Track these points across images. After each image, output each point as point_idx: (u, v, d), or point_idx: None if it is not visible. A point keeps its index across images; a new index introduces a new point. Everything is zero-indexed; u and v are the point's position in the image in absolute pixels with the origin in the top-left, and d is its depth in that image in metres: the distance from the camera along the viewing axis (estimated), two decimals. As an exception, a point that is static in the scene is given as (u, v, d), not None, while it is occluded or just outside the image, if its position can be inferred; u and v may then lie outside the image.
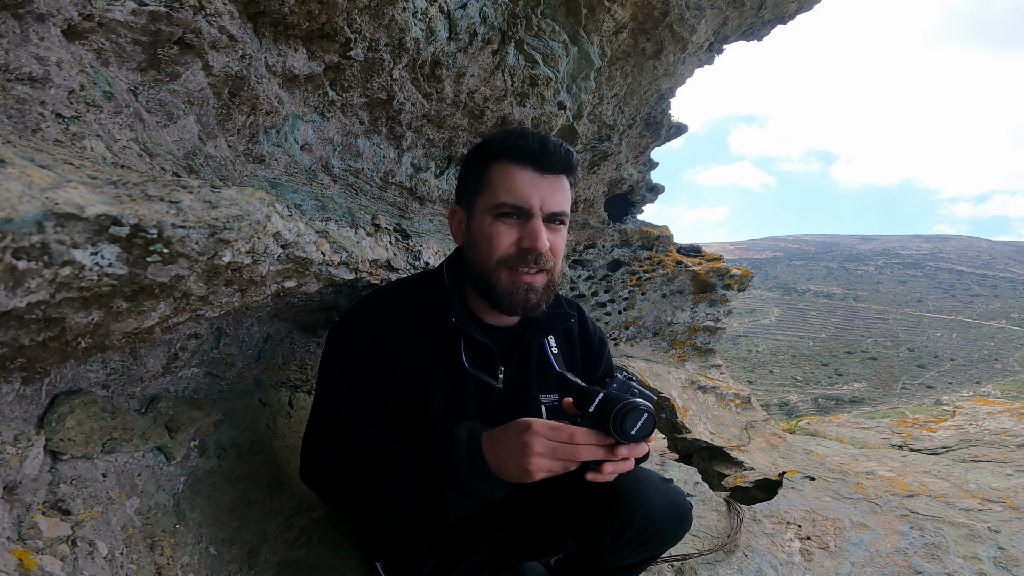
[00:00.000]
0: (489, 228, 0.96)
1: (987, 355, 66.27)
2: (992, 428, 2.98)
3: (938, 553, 1.64)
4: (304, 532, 1.26)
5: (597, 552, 1.04)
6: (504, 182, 0.95)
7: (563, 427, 0.79)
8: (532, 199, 0.94)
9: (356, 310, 1.04)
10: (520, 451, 0.77)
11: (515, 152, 0.95)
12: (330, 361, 1.02)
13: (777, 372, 62.84)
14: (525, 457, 0.76)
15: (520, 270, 0.95)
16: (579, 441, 0.78)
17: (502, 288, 0.96)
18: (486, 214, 0.97)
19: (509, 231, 0.95)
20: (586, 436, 0.78)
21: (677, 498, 1.05)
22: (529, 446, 0.76)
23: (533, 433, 0.77)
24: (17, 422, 0.78)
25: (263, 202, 0.69)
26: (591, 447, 0.78)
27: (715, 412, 2.93)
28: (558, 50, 1.64)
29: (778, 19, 2.37)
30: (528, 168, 0.95)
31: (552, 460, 0.77)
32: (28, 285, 0.50)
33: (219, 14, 0.86)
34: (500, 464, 0.80)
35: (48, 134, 0.67)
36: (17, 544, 0.73)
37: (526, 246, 0.94)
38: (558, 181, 0.97)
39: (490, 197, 0.96)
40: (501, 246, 0.95)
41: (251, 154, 1.14)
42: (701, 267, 3.32)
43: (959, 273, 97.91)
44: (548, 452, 0.77)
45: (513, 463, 0.78)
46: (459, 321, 0.98)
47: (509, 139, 0.97)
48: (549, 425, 0.78)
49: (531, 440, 0.76)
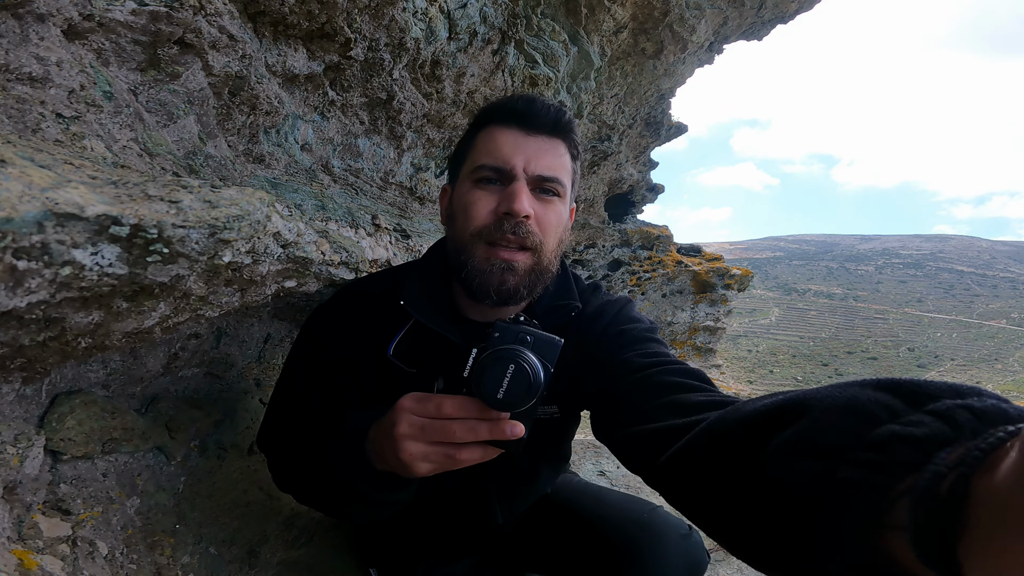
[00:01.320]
0: (466, 196, 0.82)
1: (987, 355, 66.29)
2: (992, 428, 2.98)
3: (938, 553, 1.64)
4: (304, 532, 1.26)
5: None
6: (486, 143, 0.83)
7: (431, 397, 0.61)
8: (514, 158, 0.80)
9: (329, 300, 0.97)
10: (389, 432, 0.61)
11: (500, 112, 0.84)
12: (297, 344, 0.95)
13: (777, 372, 62.86)
14: (394, 440, 0.60)
15: (497, 243, 0.80)
16: (447, 411, 0.58)
17: (475, 266, 0.81)
18: (466, 180, 0.84)
19: (488, 197, 0.81)
20: (457, 406, 0.58)
21: (695, 556, 0.92)
22: (395, 426, 0.60)
23: (399, 408, 0.61)
24: (17, 422, 0.78)
25: (263, 202, 0.69)
26: (466, 422, 0.58)
27: (715, 412, 2.93)
28: (558, 50, 1.64)
29: (778, 19, 2.37)
30: (513, 128, 0.83)
31: (425, 444, 0.59)
32: (28, 285, 0.50)
33: (219, 14, 0.86)
34: (382, 452, 0.64)
35: (48, 134, 0.67)
36: (17, 544, 0.73)
37: (503, 211, 0.79)
38: (549, 143, 0.83)
39: (471, 161, 0.84)
40: (478, 214, 0.80)
41: (251, 154, 1.14)
42: (701, 267, 3.32)
43: (959, 273, 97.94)
44: (417, 432, 0.59)
45: (389, 450, 0.61)
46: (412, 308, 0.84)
47: (497, 101, 0.88)
48: (417, 397, 0.61)
49: (398, 418, 0.60)
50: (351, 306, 0.93)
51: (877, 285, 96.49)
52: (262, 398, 1.40)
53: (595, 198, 2.76)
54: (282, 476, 0.91)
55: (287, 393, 0.94)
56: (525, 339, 0.60)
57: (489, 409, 0.58)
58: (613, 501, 1.06)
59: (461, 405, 0.59)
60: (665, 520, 0.95)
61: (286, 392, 0.94)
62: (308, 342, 0.94)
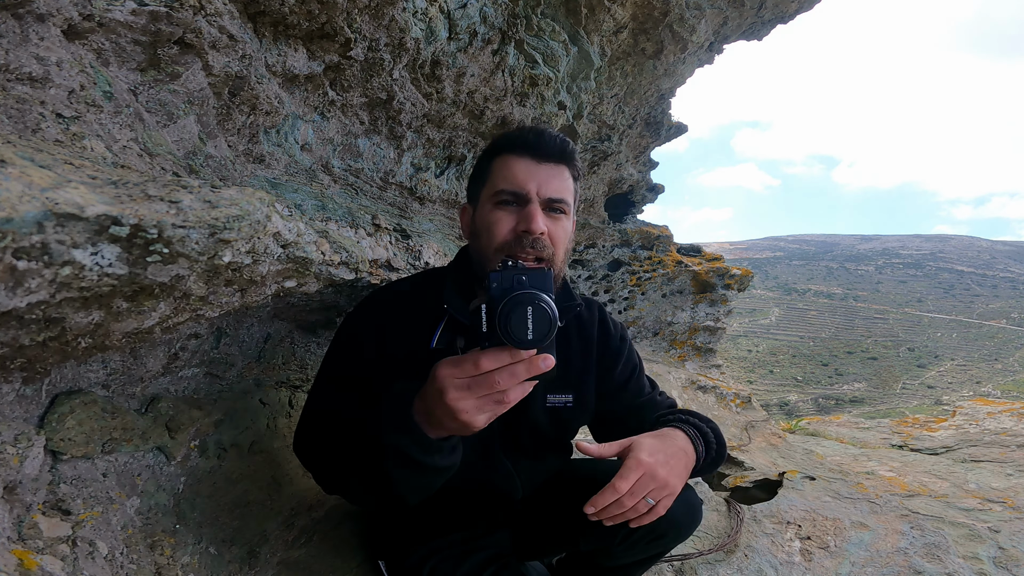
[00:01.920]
0: (488, 216, 0.98)
1: (987, 355, 66.26)
2: (992, 428, 2.98)
3: (938, 553, 1.64)
4: (304, 532, 1.26)
5: (609, 549, 1.04)
6: (502, 171, 0.99)
7: (466, 357, 0.67)
8: (528, 184, 0.96)
9: (366, 301, 1.07)
10: (439, 400, 0.68)
11: (513, 143, 1.00)
12: (336, 344, 1.04)
13: (777, 372, 62.83)
14: (447, 406, 0.67)
15: (518, 256, 0.95)
16: (485, 366, 0.66)
17: None
18: (487, 203, 1.00)
19: (507, 217, 0.97)
20: (492, 359, 0.66)
21: (688, 493, 1.05)
22: (444, 392, 0.67)
23: (440, 376, 0.68)
24: (17, 422, 0.78)
25: (263, 202, 0.69)
26: (507, 369, 0.66)
27: (715, 412, 2.93)
28: (558, 50, 1.64)
29: (778, 19, 2.37)
30: (525, 157, 0.98)
31: (476, 399, 0.67)
32: (28, 285, 0.50)
33: (219, 14, 0.86)
34: (437, 420, 0.71)
35: (48, 134, 0.67)
36: (17, 544, 0.73)
37: (521, 229, 0.95)
38: (556, 169, 0.99)
39: (490, 186, 1.00)
40: (500, 232, 0.96)
41: (251, 154, 1.14)
42: (701, 267, 3.32)
43: (959, 273, 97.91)
44: (465, 392, 0.67)
45: (445, 415, 0.69)
46: (452, 309, 0.97)
47: (510, 133, 1.03)
48: (451, 361, 0.68)
49: (444, 385, 0.67)
50: (387, 308, 1.03)
51: (877, 285, 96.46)
52: (262, 398, 1.40)
53: (595, 198, 2.76)
54: (328, 478, 0.95)
55: (327, 396, 0.99)
56: (521, 279, 0.67)
57: (519, 352, 0.65)
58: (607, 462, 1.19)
59: (495, 356, 0.66)
60: None
61: (325, 395, 0.99)
62: (349, 343, 1.02)
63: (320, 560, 1.20)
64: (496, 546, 1.13)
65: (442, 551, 1.07)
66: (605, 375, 1.18)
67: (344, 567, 1.19)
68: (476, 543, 1.11)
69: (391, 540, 1.13)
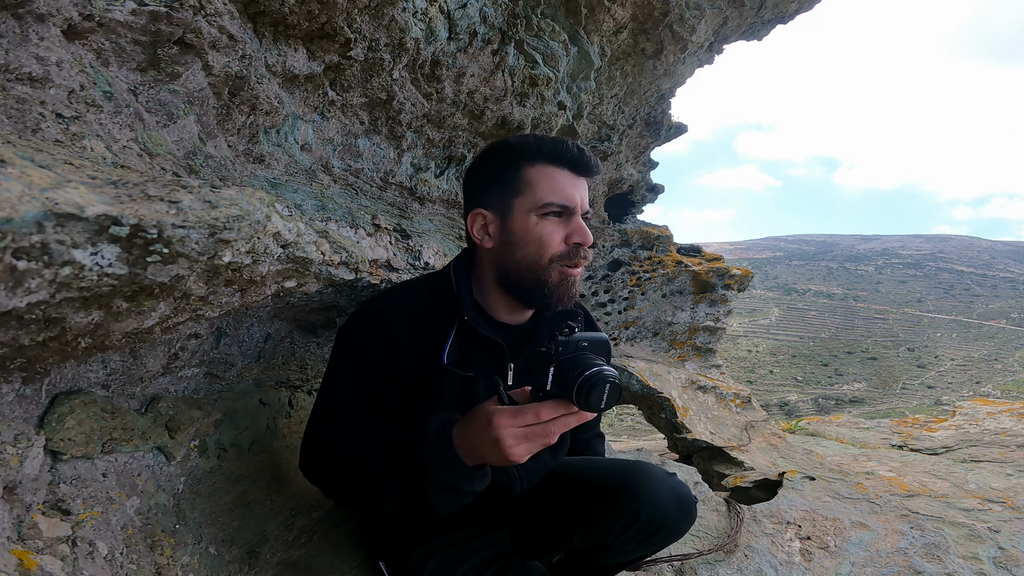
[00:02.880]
0: (536, 227, 0.99)
1: (987, 355, 66.26)
2: (992, 428, 2.98)
3: (938, 553, 1.64)
4: (304, 532, 1.26)
5: (603, 546, 1.05)
6: (547, 183, 1.00)
7: (527, 409, 0.77)
8: (575, 198, 1.00)
9: (366, 311, 1.05)
10: (493, 446, 0.76)
11: (556, 156, 1.01)
12: (339, 361, 1.03)
13: (777, 372, 62.82)
14: (501, 450, 0.75)
15: (568, 265, 1.00)
16: (546, 418, 0.76)
17: (553, 284, 1.00)
18: (530, 214, 1.00)
19: (557, 229, 1.00)
20: (552, 411, 0.76)
21: (682, 491, 1.06)
22: (501, 440, 0.75)
23: (498, 426, 0.76)
24: (17, 422, 0.78)
25: (263, 202, 0.69)
26: (561, 419, 0.77)
27: (715, 412, 2.93)
28: (558, 50, 1.64)
29: (778, 19, 2.37)
30: (566, 169, 1.01)
31: (529, 443, 0.76)
32: (28, 285, 0.50)
33: (219, 14, 0.86)
34: (479, 455, 0.80)
35: (48, 134, 0.67)
36: (17, 544, 0.73)
37: (577, 241, 0.99)
38: (589, 183, 1.06)
39: (533, 197, 1.00)
40: (553, 243, 0.99)
41: (251, 154, 1.14)
42: (701, 267, 3.32)
43: (959, 273, 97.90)
44: (521, 438, 0.76)
45: (492, 455, 0.77)
46: (471, 320, 1.00)
47: (546, 144, 1.02)
48: (511, 412, 0.77)
49: (500, 435, 0.75)
50: (387, 322, 1.03)
51: (877, 285, 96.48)
52: (262, 398, 1.40)
53: (595, 198, 2.76)
54: (346, 497, 1.01)
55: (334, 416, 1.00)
56: (583, 346, 0.79)
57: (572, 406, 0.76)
58: (601, 460, 1.26)
59: (554, 408, 0.76)
60: (649, 464, 1.12)
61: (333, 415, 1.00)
62: (352, 361, 1.02)
63: (320, 560, 1.20)
64: (496, 545, 1.13)
65: (443, 551, 1.07)
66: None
67: (344, 567, 1.19)
68: (477, 542, 1.11)
69: (391, 541, 1.13)
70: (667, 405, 2.67)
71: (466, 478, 0.82)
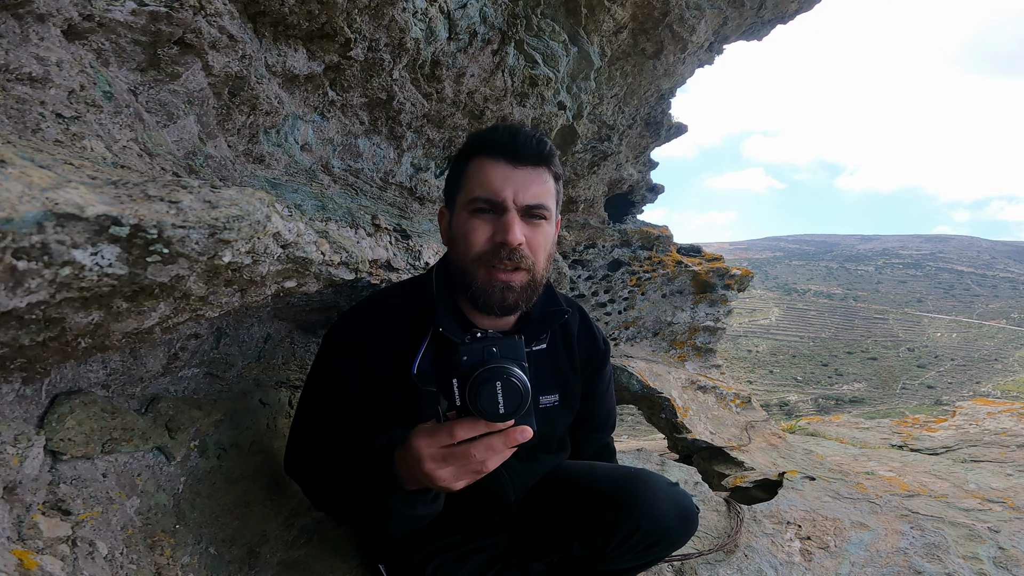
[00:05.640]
0: (464, 225, 0.93)
1: (987, 355, 66.24)
2: (992, 428, 2.98)
3: (938, 553, 1.64)
4: (304, 532, 1.26)
5: (603, 555, 1.04)
6: (477, 176, 0.93)
7: (441, 428, 0.68)
8: (504, 192, 0.90)
9: (346, 318, 1.04)
10: (417, 467, 0.69)
11: (487, 145, 0.93)
12: (317, 369, 1.02)
13: (777, 372, 62.81)
14: (424, 473, 0.69)
15: (495, 267, 0.91)
16: (460, 437, 0.67)
17: (478, 287, 0.93)
18: (463, 210, 0.94)
19: (483, 226, 0.91)
20: (467, 429, 0.66)
21: (684, 502, 1.04)
22: (421, 462, 0.68)
23: (417, 447, 0.69)
24: (17, 422, 0.78)
25: (263, 202, 0.69)
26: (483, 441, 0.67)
27: (715, 412, 2.93)
28: (558, 50, 1.64)
29: (778, 19, 2.37)
30: (501, 161, 0.92)
31: (453, 467, 0.68)
32: (28, 285, 0.50)
33: (219, 14, 0.86)
34: (417, 480, 0.72)
35: (48, 134, 0.67)
36: (17, 544, 0.73)
37: (498, 240, 0.90)
38: (534, 173, 0.93)
39: (466, 193, 0.94)
40: (477, 242, 0.91)
41: (251, 154, 1.14)
42: (701, 267, 3.32)
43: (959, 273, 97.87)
44: (441, 460, 0.68)
45: (423, 479, 0.70)
46: (446, 330, 0.96)
47: (483, 133, 0.96)
48: (428, 431, 0.69)
49: (420, 455, 0.68)
50: (368, 328, 1.00)
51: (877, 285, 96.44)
52: (262, 398, 1.40)
53: (595, 198, 2.76)
54: (318, 501, 1.00)
55: (311, 424, 1.00)
56: (491, 350, 0.67)
57: (495, 423, 0.66)
58: (603, 466, 1.21)
59: (470, 427, 0.67)
60: (651, 473, 1.08)
61: (309, 423, 1.00)
62: (329, 372, 1.00)
63: (320, 560, 1.19)
64: (497, 547, 1.13)
65: (444, 552, 1.07)
66: (593, 376, 1.21)
67: (344, 567, 1.19)
68: (477, 544, 1.11)
69: (391, 543, 1.13)
70: (667, 405, 2.67)
71: (405, 502, 0.75)
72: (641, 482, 1.04)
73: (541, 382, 1.12)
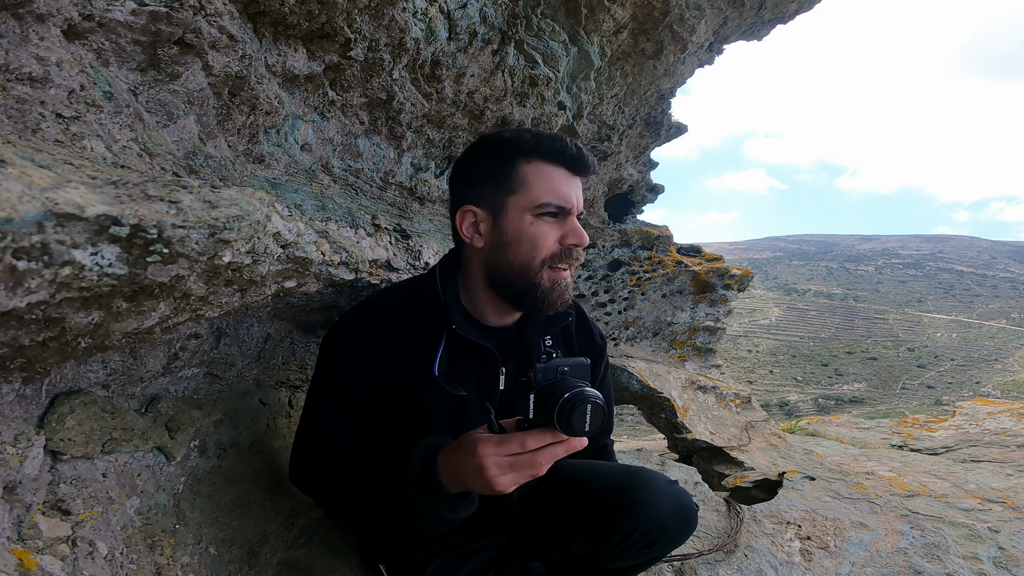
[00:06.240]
0: (531, 227, 0.96)
1: (987, 355, 66.24)
2: (992, 428, 2.98)
3: (938, 553, 1.64)
4: (304, 532, 1.26)
5: (602, 553, 1.04)
6: (543, 182, 0.96)
7: (511, 438, 0.74)
8: (571, 198, 0.97)
9: (346, 323, 1.03)
10: (478, 475, 0.74)
11: (553, 154, 0.97)
12: (319, 378, 1.02)
13: (777, 372, 62.81)
14: (486, 480, 0.73)
15: (559, 267, 0.97)
16: (531, 447, 0.73)
17: (544, 287, 0.97)
18: (525, 213, 0.96)
19: (551, 230, 0.96)
20: (538, 440, 0.74)
21: (683, 500, 1.05)
22: (485, 469, 0.73)
23: (482, 455, 0.73)
24: (17, 422, 0.78)
25: (263, 202, 0.69)
26: (548, 450, 0.74)
27: (715, 412, 2.93)
28: (558, 50, 1.64)
29: (778, 19, 2.37)
30: (562, 168, 0.98)
31: (515, 473, 0.74)
32: (28, 285, 0.50)
33: (219, 14, 0.86)
34: (464, 483, 0.78)
35: (48, 134, 0.67)
36: (17, 544, 0.73)
37: (571, 242, 0.97)
38: (583, 183, 1.02)
39: (529, 196, 0.95)
40: (547, 244, 0.96)
41: (251, 154, 1.14)
42: (701, 267, 3.32)
43: (959, 273, 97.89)
44: (506, 469, 0.73)
45: (478, 484, 0.75)
46: (460, 328, 0.97)
47: (543, 140, 0.97)
48: (495, 440, 0.74)
49: (484, 463, 0.73)
50: (372, 332, 1.00)
51: (877, 285, 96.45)
52: (262, 398, 1.40)
53: (595, 198, 2.76)
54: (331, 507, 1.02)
55: (317, 434, 1.00)
56: (563, 370, 0.77)
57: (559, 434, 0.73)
58: (603, 465, 1.22)
59: (540, 438, 0.73)
60: (650, 471, 1.10)
61: (316, 432, 1.00)
62: (332, 377, 1.00)
63: (320, 560, 1.19)
64: (497, 547, 1.13)
65: (444, 552, 1.07)
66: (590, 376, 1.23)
67: (344, 567, 1.19)
68: (477, 544, 1.11)
69: (391, 543, 1.13)
70: (667, 405, 2.67)
71: (449, 506, 0.80)
72: (640, 480, 1.04)
73: None
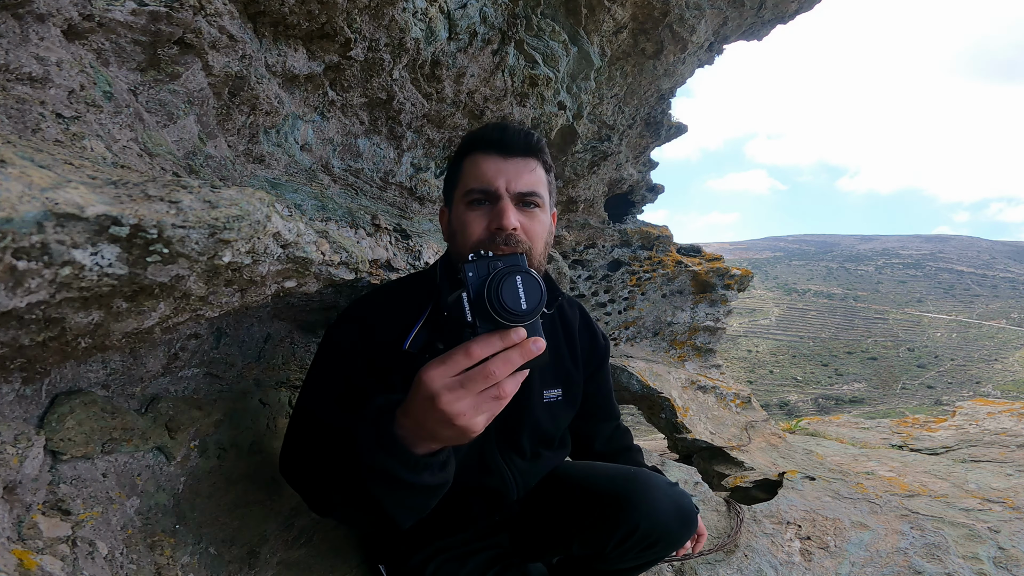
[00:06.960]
0: (462, 217, 0.98)
1: (987, 355, 66.25)
2: (992, 428, 2.98)
3: (938, 553, 1.64)
4: (304, 532, 1.26)
5: (602, 555, 1.04)
6: (472, 170, 0.98)
7: (455, 351, 0.62)
8: (497, 181, 0.96)
9: (350, 307, 1.05)
10: (432, 408, 0.61)
11: (479, 141, 0.99)
12: (318, 352, 1.02)
13: (777, 372, 62.82)
14: (441, 411, 0.61)
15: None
16: (477, 355, 0.60)
17: None
18: (460, 204, 0.99)
19: (480, 217, 0.96)
20: (484, 345, 0.61)
21: (683, 502, 1.05)
22: (436, 397, 0.60)
23: (428, 380, 0.61)
24: (17, 422, 0.78)
25: (263, 202, 0.69)
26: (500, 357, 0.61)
27: (715, 412, 2.93)
28: (558, 50, 1.64)
29: (778, 19, 2.37)
30: (492, 154, 0.98)
31: (472, 396, 0.61)
32: (28, 285, 0.50)
33: (219, 14, 0.86)
34: (429, 432, 0.65)
35: (48, 134, 0.67)
36: (17, 544, 0.73)
37: (494, 227, 0.94)
38: (524, 163, 0.98)
39: (461, 187, 0.99)
40: (475, 232, 0.95)
41: (251, 154, 1.14)
42: (701, 267, 3.32)
43: (959, 273, 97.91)
44: (459, 390, 0.61)
45: (439, 423, 0.62)
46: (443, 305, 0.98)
47: (475, 132, 1.02)
48: (439, 360, 0.62)
49: (432, 389, 0.61)
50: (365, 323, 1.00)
51: (877, 285, 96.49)
52: (262, 398, 1.40)
53: (595, 198, 2.76)
54: (317, 502, 0.89)
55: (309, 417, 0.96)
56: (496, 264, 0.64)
57: (509, 336, 0.61)
58: (603, 466, 1.21)
59: (486, 342, 0.61)
60: (650, 473, 1.09)
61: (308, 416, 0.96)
62: (330, 360, 0.99)
63: (320, 560, 1.19)
64: (498, 547, 1.13)
65: (444, 552, 1.07)
66: (596, 371, 1.24)
67: (344, 567, 1.19)
68: (477, 544, 1.11)
69: (391, 543, 1.13)
70: (667, 405, 2.67)
71: (409, 467, 0.67)
72: (640, 482, 1.04)
73: (544, 377, 1.13)
